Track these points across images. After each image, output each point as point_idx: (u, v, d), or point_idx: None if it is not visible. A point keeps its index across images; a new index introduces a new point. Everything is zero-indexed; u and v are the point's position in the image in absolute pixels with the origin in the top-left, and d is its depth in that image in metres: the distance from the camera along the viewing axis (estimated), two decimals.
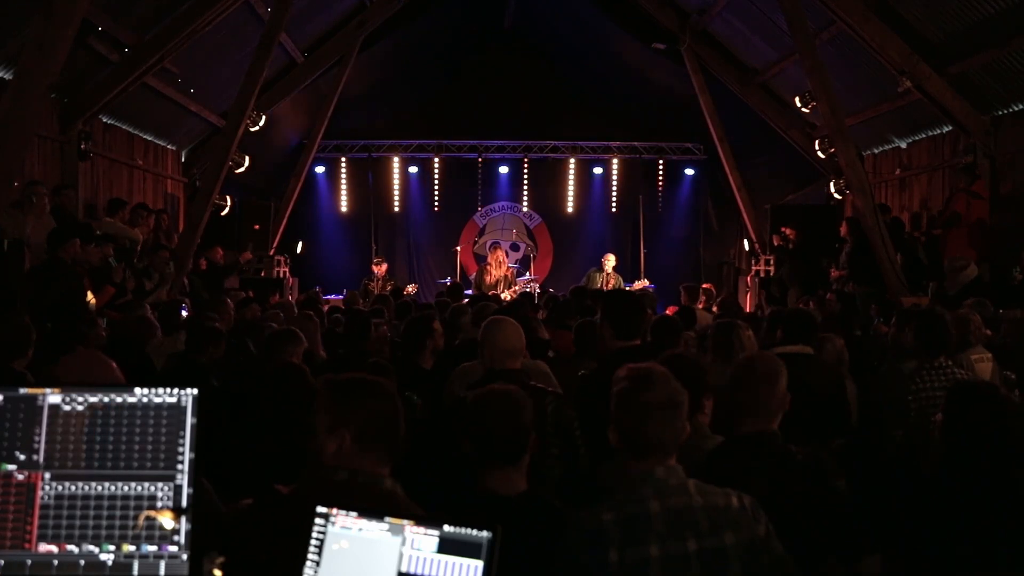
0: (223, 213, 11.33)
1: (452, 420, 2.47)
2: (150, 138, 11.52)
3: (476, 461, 2.36)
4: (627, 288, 12.08)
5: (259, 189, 13.94)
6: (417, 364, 4.36)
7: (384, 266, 13.03)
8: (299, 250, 14.07)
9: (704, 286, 10.67)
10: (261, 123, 11.05)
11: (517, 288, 12.11)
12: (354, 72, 12.75)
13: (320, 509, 1.69)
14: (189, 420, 1.75)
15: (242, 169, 11.19)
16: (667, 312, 8.03)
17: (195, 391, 1.80)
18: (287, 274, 13.27)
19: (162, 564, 1.69)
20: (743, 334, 4.38)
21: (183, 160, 12.67)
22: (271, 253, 12.91)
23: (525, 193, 15.95)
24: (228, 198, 11.39)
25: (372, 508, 1.68)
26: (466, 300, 8.88)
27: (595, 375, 3.88)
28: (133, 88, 9.63)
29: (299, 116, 13.99)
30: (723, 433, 3.11)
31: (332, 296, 12.80)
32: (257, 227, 12.56)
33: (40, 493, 1.71)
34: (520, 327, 3.64)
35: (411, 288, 12.76)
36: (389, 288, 12.12)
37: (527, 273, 13.74)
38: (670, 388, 2.24)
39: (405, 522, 1.64)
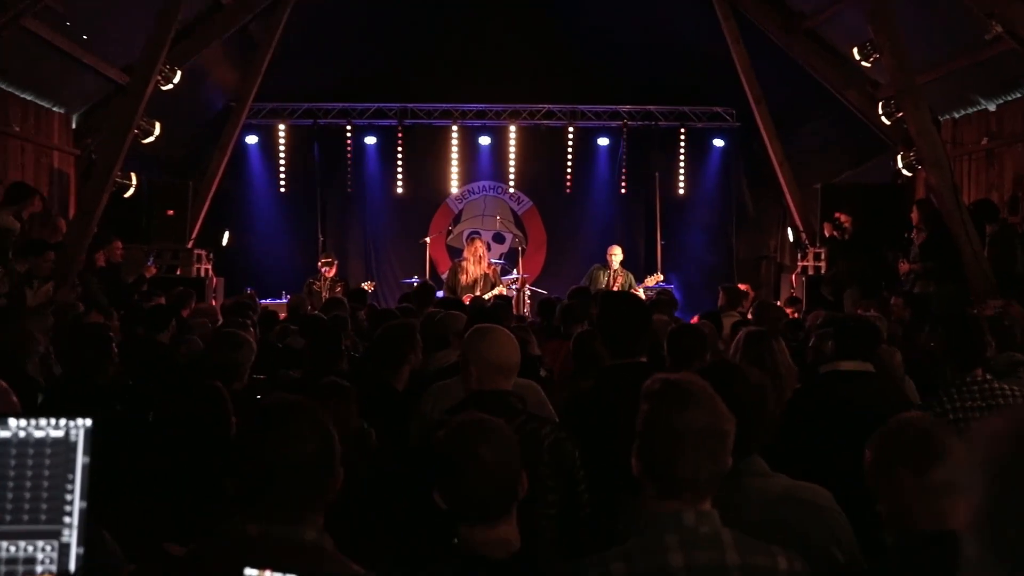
0: (127, 195, 11.31)
1: (422, 456, 2.45)
2: (30, 98, 11.42)
3: (452, 515, 2.34)
4: (637, 287, 12.15)
5: (173, 165, 13.90)
6: (388, 384, 4.35)
7: (334, 268, 13.03)
8: (225, 242, 14.10)
9: (740, 287, 10.69)
10: (176, 80, 11.01)
11: (502, 290, 12.11)
12: (295, 17, 12.71)
13: (249, 572, 1.67)
14: (80, 460, 1.71)
15: (151, 139, 11.17)
16: (693, 321, 8.04)
17: (88, 422, 1.75)
18: (210, 272, 13.26)
19: None
20: (776, 346, 4.50)
21: (74, 127, 12.57)
22: (189, 246, 12.86)
23: (512, 170, 15.99)
24: (133, 176, 11.37)
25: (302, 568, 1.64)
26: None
27: (590, 394, 3.95)
28: (7, 33, 9.54)
29: (225, 72, 13.96)
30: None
31: (268, 301, 12.77)
32: (171, 213, 12.55)
33: None
34: (515, 338, 3.71)
35: (368, 285, 12.75)
36: (339, 290, 12.09)
37: (514, 271, 13.75)
38: (715, 411, 2.22)
39: None
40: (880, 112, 11.43)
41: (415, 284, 12.48)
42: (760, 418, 2.79)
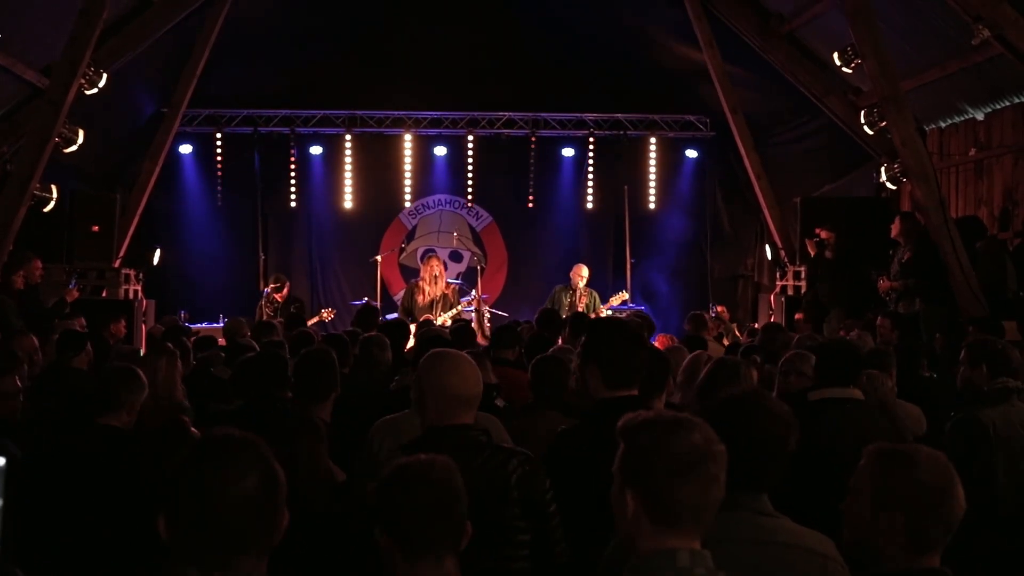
0: (46, 209, 11.14)
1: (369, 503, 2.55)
2: None
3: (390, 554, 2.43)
4: (602, 308, 12.21)
5: (99, 176, 13.80)
6: (313, 416, 4.33)
7: (285, 289, 12.97)
8: (156, 261, 13.94)
9: (718, 309, 10.75)
10: (101, 84, 10.87)
11: (460, 311, 12.10)
12: (233, 14, 12.64)
13: None
14: None
15: (74, 148, 11.03)
16: (657, 344, 8.08)
17: (1, 461, 1.71)
18: (139, 294, 13.13)
19: None
20: (746, 373, 4.42)
21: None
22: (116, 265, 12.72)
23: (470, 183, 15.96)
24: (54, 188, 11.21)
25: None
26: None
27: (578, 432, 3.89)
28: None
29: (156, 75, 13.84)
30: None
31: (204, 325, 12.67)
32: (96, 229, 12.39)
33: None
34: (476, 364, 3.67)
35: (327, 314, 12.72)
36: (294, 310, 12.06)
37: (472, 292, 13.71)
38: (711, 435, 2.28)
39: None
40: (862, 121, 11.53)
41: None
42: (783, 453, 2.83)
